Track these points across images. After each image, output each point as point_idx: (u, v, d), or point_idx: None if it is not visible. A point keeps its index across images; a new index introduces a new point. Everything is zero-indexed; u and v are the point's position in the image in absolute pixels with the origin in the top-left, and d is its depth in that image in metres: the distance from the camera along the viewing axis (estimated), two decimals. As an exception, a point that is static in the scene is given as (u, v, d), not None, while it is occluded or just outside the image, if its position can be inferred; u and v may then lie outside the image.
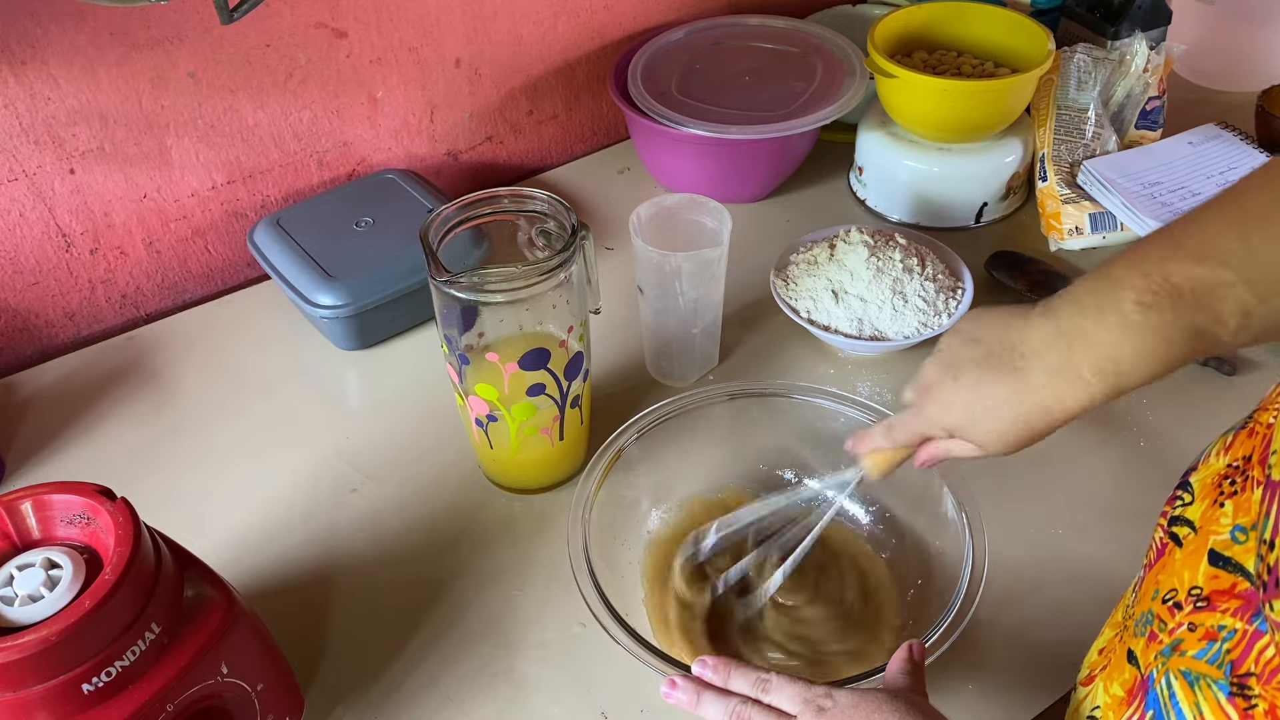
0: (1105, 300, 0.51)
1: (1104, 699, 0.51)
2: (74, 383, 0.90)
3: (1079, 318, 0.52)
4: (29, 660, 0.47)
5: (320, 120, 0.99)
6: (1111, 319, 0.51)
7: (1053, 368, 0.53)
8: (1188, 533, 0.47)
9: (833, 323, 0.88)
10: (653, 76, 1.06)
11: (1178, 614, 0.44)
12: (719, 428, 0.77)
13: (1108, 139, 1.03)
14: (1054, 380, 0.53)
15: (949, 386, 0.57)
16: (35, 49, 0.82)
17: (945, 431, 0.59)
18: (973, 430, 0.57)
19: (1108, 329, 0.51)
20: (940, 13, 1.07)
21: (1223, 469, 0.47)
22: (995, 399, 0.55)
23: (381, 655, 0.70)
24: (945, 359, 0.59)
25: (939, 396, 0.58)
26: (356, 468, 0.82)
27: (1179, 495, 0.50)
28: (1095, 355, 0.51)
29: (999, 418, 0.55)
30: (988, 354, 0.56)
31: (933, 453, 0.61)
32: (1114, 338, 0.51)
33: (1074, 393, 0.53)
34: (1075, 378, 0.52)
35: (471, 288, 0.66)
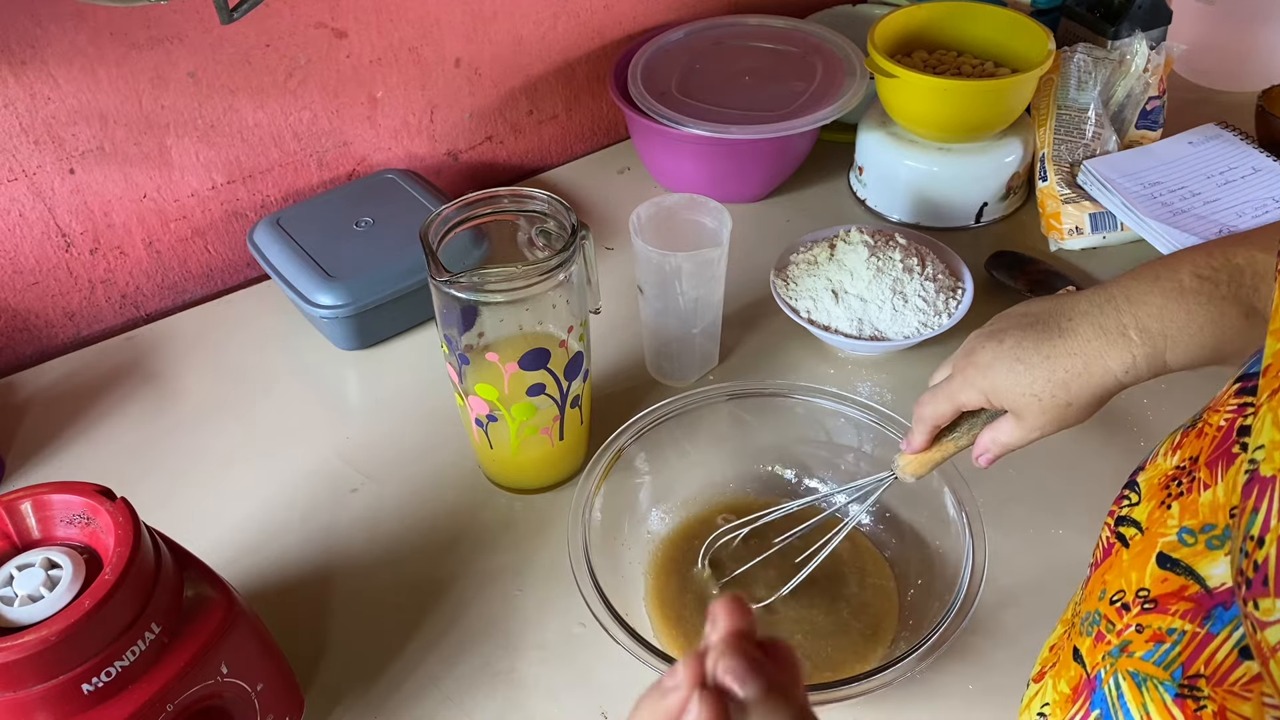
0: (1162, 270, 0.51)
1: (1052, 696, 0.50)
2: (74, 383, 0.90)
3: (1132, 283, 0.52)
4: (29, 660, 0.47)
5: (320, 120, 0.99)
6: (1167, 285, 0.50)
7: (1098, 326, 0.52)
8: (1134, 534, 0.47)
9: (833, 323, 0.88)
10: (653, 76, 1.06)
11: (1125, 615, 0.44)
12: (719, 428, 0.77)
13: (1108, 139, 1.03)
14: (1098, 338, 0.52)
15: (990, 349, 0.57)
16: (35, 49, 0.82)
17: (982, 395, 0.57)
18: (1011, 392, 0.55)
19: (1161, 293, 0.50)
20: (940, 13, 1.07)
21: (1170, 470, 0.47)
22: (1036, 357, 0.54)
23: (381, 655, 0.70)
24: (991, 327, 0.58)
25: (979, 359, 0.57)
26: (356, 468, 0.82)
27: (1126, 495, 0.50)
28: (1143, 315, 0.50)
29: (1037, 378, 0.54)
30: (1035, 320, 0.55)
31: (984, 447, 0.60)
32: (1166, 302, 0.50)
33: (1117, 353, 0.51)
34: (1120, 336, 0.51)
35: (471, 288, 0.66)
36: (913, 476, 0.65)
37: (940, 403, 0.60)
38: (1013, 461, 0.79)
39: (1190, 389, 0.85)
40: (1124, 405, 0.85)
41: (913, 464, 0.64)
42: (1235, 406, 0.44)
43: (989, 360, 0.57)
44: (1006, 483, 0.78)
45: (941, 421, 0.61)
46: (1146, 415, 0.84)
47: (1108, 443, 0.82)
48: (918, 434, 0.63)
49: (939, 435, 0.63)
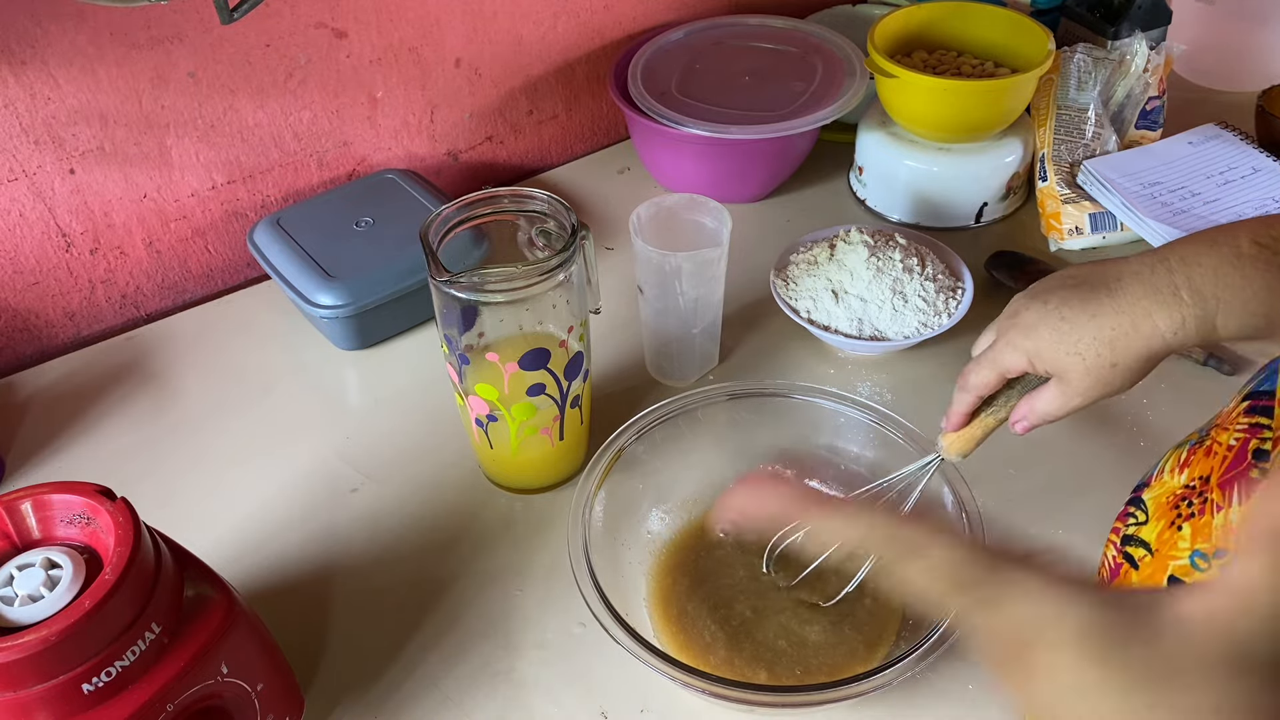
0: (1219, 235, 0.49)
1: None
2: (74, 383, 0.90)
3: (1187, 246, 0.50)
4: (29, 660, 0.47)
5: (320, 120, 0.99)
6: (1223, 249, 0.49)
7: (1148, 285, 0.50)
8: (1143, 554, 0.46)
9: (833, 323, 0.88)
10: (653, 76, 1.06)
11: None
12: (719, 428, 0.77)
13: (1108, 139, 1.03)
14: (1147, 297, 0.50)
15: (1035, 309, 0.55)
16: (35, 49, 0.82)
17: (1026, 357, 0.55)
18: (1056, 353, 0.53)
19: (1217, 256, 0.49)
20: (940, 13, 1.07)
21: (1179, 488, 0.46)
22: (1082, 316, 0.52)
23: (381, 655, 0.70)
24: (1036, 289, 0.56)
25: (1023, 320, 0.55)
26: (356, 468, 0.82)
27: (1131, 512, 0.48)
28: (1196, 276, 0.49)
29: (1083, 336, 0.52)
30: (1080, 280, 0.54)
31: (1022, 414, 0.58)
32: (1222, 265, 0.48)
33: (1166, 312, 0.50)
34: (1171, 296, 0.50)
35: (471, 288, 0.66)
36: (959, 455, 0.63)
37: (984, 370, 0.58)
38: (1013, 462, 0.80)
39: (1191, 390, 0.85)
40: (1124, 405, 0.85)
41: (957, 442, 0.62)
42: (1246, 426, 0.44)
43: (1033, 320, 0.55)
44: (1007, 483, 0.78)
45: (985, 390, 0.59)
46: (1146, 415, 0.84)
47: (1108, 444, 0.82)
48: (960, 405, 0.60)
49: (979, 409, 0.61)
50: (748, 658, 0.66)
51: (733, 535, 0.72)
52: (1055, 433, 0.83)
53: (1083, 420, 0.84)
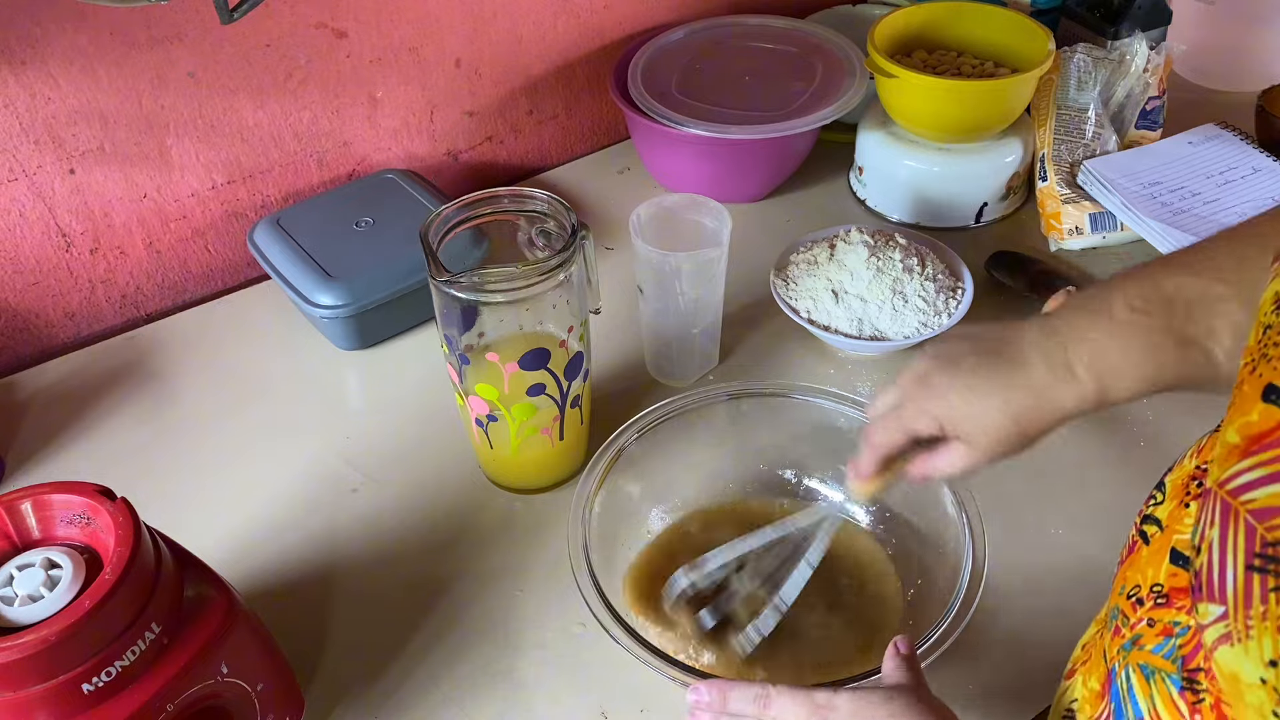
0: (1099, 304, 0.52)
1: (1081, 692, 0.51)
2: (74, 383, 0.90)
3: (1074, 316, 0.53)
4: (29, 660, 0.47)
5: (320, 120, 0.99)
6: (1103, 320, 0.52)
7: (1048, 363, 0.53)
8: (1155, 531, 0.47)
9: (833, 323, 0.88)
10: (653, 76, 1.06)
11: (1139, 609, 0.45)
12: (719, 427, 0.77)
13: (1108, 139, 1.03)
14: (1050, 374, 0.53)
15: (945, 373, 0.57)
16: (35, 49, 0.82)
17: (935, 423, 0.57)
18: (965, 422, 0.56)
19: (1098, 330, 0.52)
20: (940, 13, 1.07)
21: (1191, 470, 0.48)
22: (992, 386, 0.54)
23: (381, 655, 0.70)
24: (941, 351, 0.58)
25: (933, 383, 0.57)
26: (356, 468, 0.82)
27: (1154, 495, 0.51)
28: (1086, 353, 0.52)
29: (991, 408, 0.55)
30: (987, 348, 0.56)
31: (925, 471, 0.60)
32: (1103, 337, 0.51)
33: (1067, 390, 0.53)
34: (1069, 374, 0.53)
35: (471, 288, 0.66)
36: (869, 501, 0.65)
37: (892, 432, 0.59)
38: (1013, 462, 0.79)
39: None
40: (1124, 405, 0.84)
41: (864, 489, 0.63)
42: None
43: (944, 385, 0.56)
44: (1007, 483, 0.78)
45: (894, 450, 0.60)
46: (1146, 415, 0.84)
47: (1108, 443, 0.82)
48: (868, 461, 0.61)
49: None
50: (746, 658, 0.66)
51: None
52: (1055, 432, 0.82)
53: (1083, 420, 0.83)
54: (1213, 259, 0.50)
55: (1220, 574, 0.34)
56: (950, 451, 0.58)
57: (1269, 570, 0.32)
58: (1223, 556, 0.34)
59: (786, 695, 0.52)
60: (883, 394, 0.61)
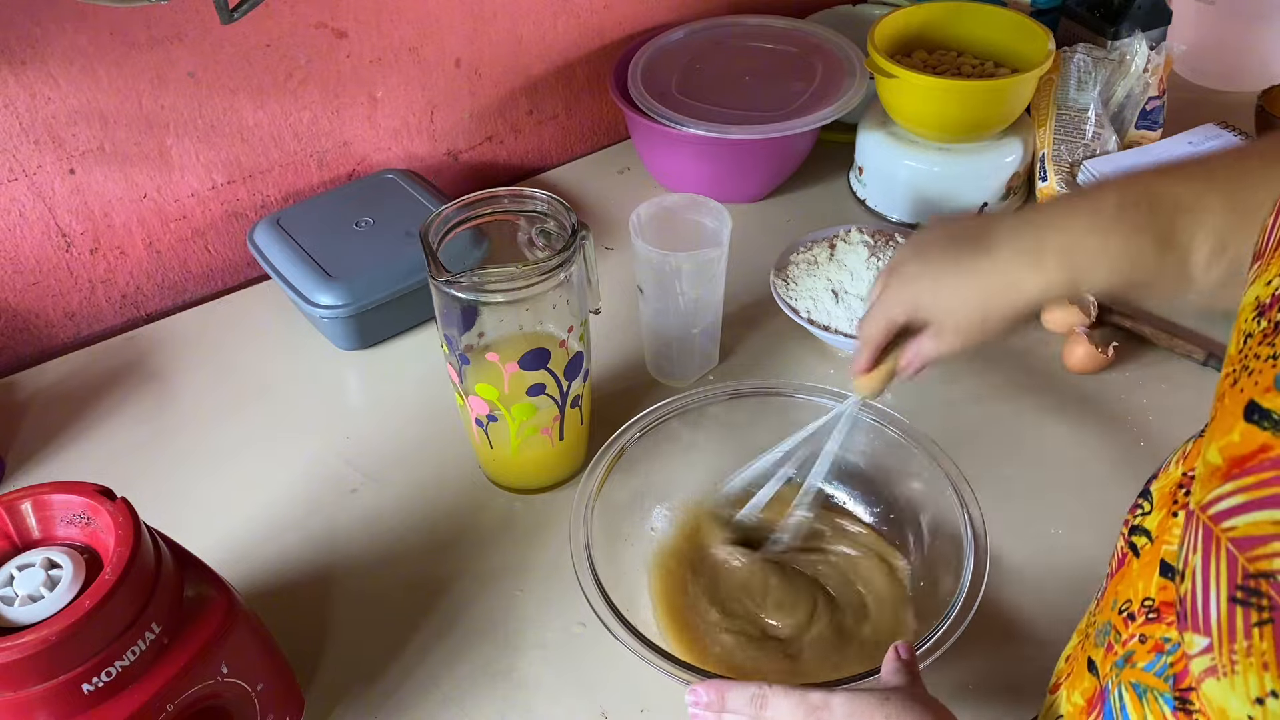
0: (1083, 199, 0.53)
1: (1066, 708, 0.50)
2: (74, 383, 0.90)
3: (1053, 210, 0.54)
4: (29, 660, 0.47)
5: (320, 120, 0.99)
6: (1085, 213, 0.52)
7: (1018, 249, 0.54)
8: (1145, 543, 0.46)
9: (833, 323, 0.88)
10: (653, 76, 1.06)
11: (1131, 625, 0.44)
12: (720, 427, 0.77)
13: (1108, 139, 1.03)
14: (1017, 259, 0.54)
15: (915, 262, 0.59)
16: (35, 49, 0.82)
17: (906, 309, 0.59)
18: (933, 305, 0.58)
19: (1079, 220, 0.52)
20: (940, 13, 1.07)
21: (1179, 478, 0.47)
22: (958, 272, 0.56)
23: (381, 655, 0.70)
24: (916, 240, 0.60)
25: (904, 271, 0.59)
26: (356, 468, 0.82)
27: (1140, 504, 0.50)
28: (1061, 242, 0.53)
29: (958, 291, 0.56)
30: (956, 235, 0.58)
31: (909, 357, 0.62)
32: (1083, 228, 0.52)
33: (1033, 276, 0.54)
34: (1037, 262, 0.54)
35: (471, 288, 0.66)
36: (871, 395, 0.68)
37: (875, 321, 0.62)
38: (1013, 462, 0.80)
39: (1191, 390, 0.85)
40: (1124, 405, 0.85)
41: (867, 383, 0.67)
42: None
43: (915, 272, 0.59)
44: (1007, 483, 0.78)
45: (878, 340, 0.63)
46: (1147, 415, 0.84)
47: (1109, 443, 0.82)
48: (862, 354, 0.65)
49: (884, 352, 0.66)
50: (750, 655, 0.66)
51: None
52: (1056, 433, 0.83)
53: (1083, 420, 0.84)
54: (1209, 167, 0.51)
55: (1204, 604, 0.33)
56: (926, 338, 0.60)
57: (1251, 604, 0.31)
58: (1205, 586, 0.33)
59: (782, 695, 0.52)
60: (871, 291, 0.64)
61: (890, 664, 0.55)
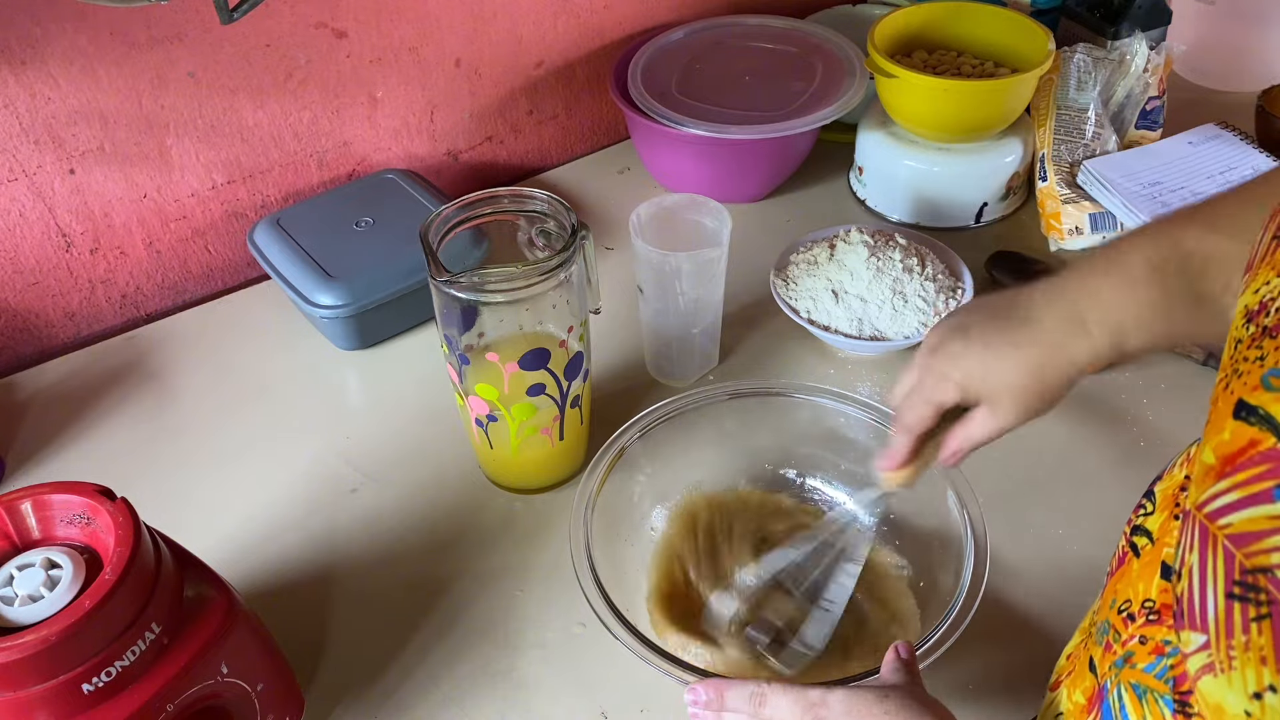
0: (1113, 262, 0.52)
1: (1067, 705, 0.50)
2: (74, 383, 0.90)
3: (1086, 275, 0.54)
4: (29, 660, 0.47)
5: (320, 120, 0.99)
6: (1117, 277, 0.52)
7: (1059, 317, 0.54)
8: (1146, 543, 0.47)
9: (833, 323, 0.88)
10: (653, 76, 1.06)
11: (1130, 625, 0.44)
12: (720, 427, 0.77)
13: (1108, 139, 1.03)
14: (1061, 328, 0.54)
15: (958, 341, 0.57)
16: (35, 49, 0.82)
17: (957, 388, 0.57)
18: (984, 382, 0.56)
19: (1113, 286, 0.52)
20: (940, 13, 1.07)
21: (1181, 481, 0.47)
22: (1005, 344, 0.55)
23: (381, 655, 0.70)
24: (952, 322, 0.59)
25: (948, 351, 0.58)
26: (356, 468, 0.82)
27: (1143, 504, 0.50)
28: (1099, 308, 0.52)
29: (1009, 366, 0.55)
30: (993, 312, 0.57)
31: (956, 445, 0.60)
32: (1118, 294, 0.52)
33: (1079, 343, 0.53)
34: (1083, 333, 0.53)
35: (471, 288, 0.66)
36: (902, 486, 0.65)
37: (919, 407, 0.60)
38: (1014, 462, 0.80)
39: (1191, 390, 0.85)
40: (1124, 405, 0.85)
41: (899, 477, 0.63)
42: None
43: (958, 351, 0.57)
44: (1008, 484, 0.78)
45: (924, 427, 0.60)
46: (1147, 416, 0.84)
47: (1109, 443, 0.82)
48: (901, 444, 0.62)
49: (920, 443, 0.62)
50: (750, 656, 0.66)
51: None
52: (1056, 433, 0.83)
53: (1083, 420, 0.84)
54: (1231, 215, 0.50)
55: (1201, 602, 0.33)
56: (978, 416, 0.58)
57: (1249, 599, 0.31)
58: (1203, 583, 0.33)
59: (780, 693, 0.52)
60: (902, 377, 0.61)
61: (890, 663, 0.55)
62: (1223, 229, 0.50)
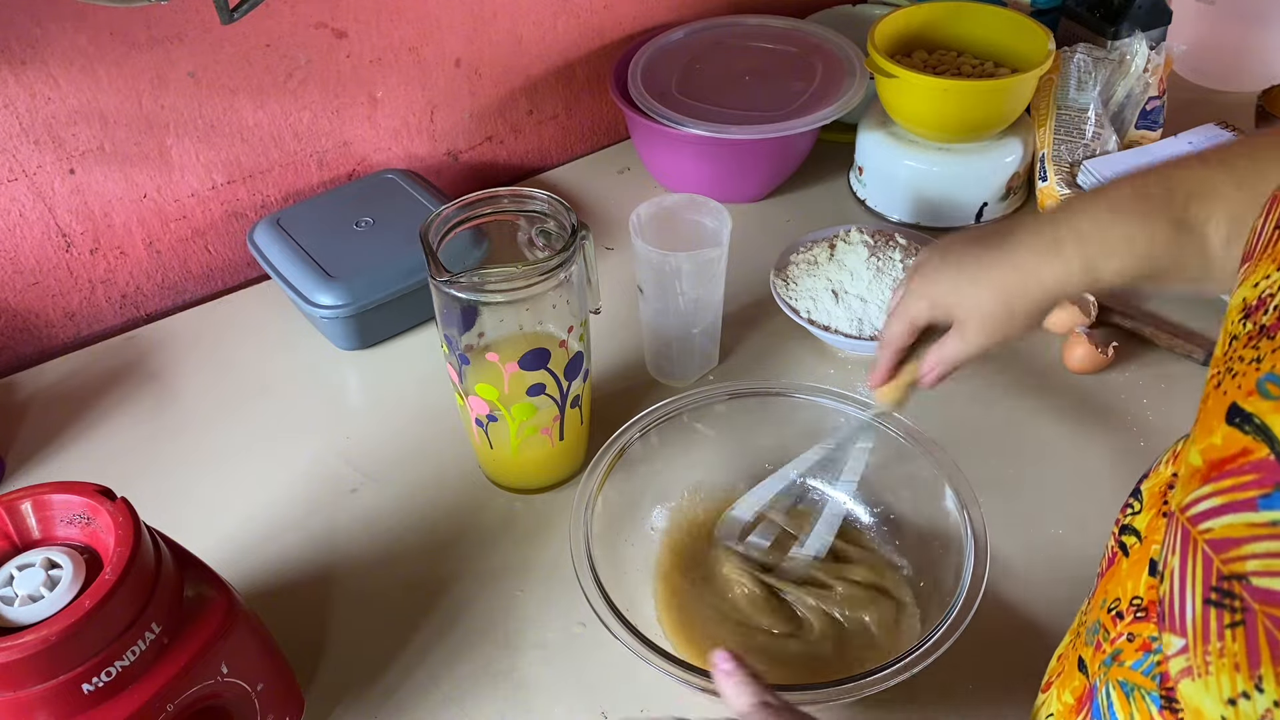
0: (1101, 191, 0.54)
1: (1057, 706, 0.50)
2: (74, 383, 0.90)
3: (1074, 199, 0.55)
4: (29, 660, 0.47)
5: (320, 120, 0.99)
6: (1101, 202, 0.53)
7: (1036, 244, 0.55)
8: (1134, 542, 0.47)
9: (833, 323, 0.88)
10: (653, 76, 1.06)
11: (1119, 624, 0.44)
12: (721, 427, 0.77)
13: (1108, 139, 1.03)
14: (1035, 253, 0.55)
15: (937, 261, 0.60)
16: (35, 49, 0.82)
17: (928, 305, 0.60)
18: (955, 304, 0.58)
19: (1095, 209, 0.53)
20: (940, 13, 1.07)
21: (1168, 478, 0.47)
22: (978, 267, 0.57)
23: (381, 655, 0.70)
24: (940, 243, 0.61)
25: (927, 271, 0.60)
26: (356, 468, 0.82)
27: (1130, 503, 0.50)
28: (1077, 229, 0.53)
29: (980, 287, 0.57)
30: (979, 235, 0.58)
31: (930, 362, 0.62)
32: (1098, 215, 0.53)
33: (1050, 266, 0.54)
34: (1056, 254, 0.54)
35: (471, 288, 0.66)
36: (893, 405, 0.67)
37: (895, 322, 0.62)
38: (1013, 462, 0.80)
39: (1191, 390, 0.85)
40: (1124, 405, 0.85)
41: (889, 392, 0.67)
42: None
43: (936, 270, 0.59)
44: (1007, 483, 0.78)
45: (901, 342, 0.63)
46: (1146, 415, 0.84)
47: (1108, 443, 0.82)
48: (883, 360, 0.65)
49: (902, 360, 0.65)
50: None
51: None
52: (1056, 432, 0.83)
53: (1083, 420, 0.84)
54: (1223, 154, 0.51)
55: (1180, 605, 0.33)
56: (950, 337, 0.60)
57: (1224, 605, 0.31)
58: (1183, 587, 0.33)
59: None
60: (894, 295, 0.64)
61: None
62: (1210, 164, 0.51)
